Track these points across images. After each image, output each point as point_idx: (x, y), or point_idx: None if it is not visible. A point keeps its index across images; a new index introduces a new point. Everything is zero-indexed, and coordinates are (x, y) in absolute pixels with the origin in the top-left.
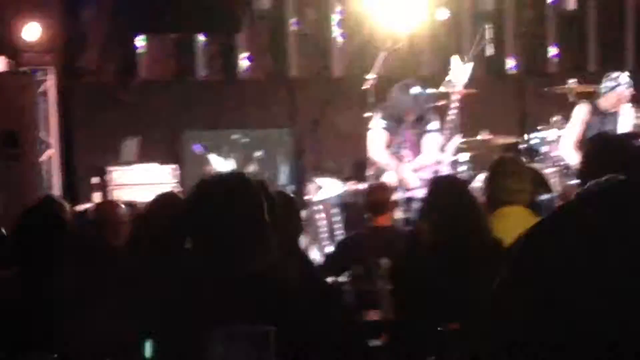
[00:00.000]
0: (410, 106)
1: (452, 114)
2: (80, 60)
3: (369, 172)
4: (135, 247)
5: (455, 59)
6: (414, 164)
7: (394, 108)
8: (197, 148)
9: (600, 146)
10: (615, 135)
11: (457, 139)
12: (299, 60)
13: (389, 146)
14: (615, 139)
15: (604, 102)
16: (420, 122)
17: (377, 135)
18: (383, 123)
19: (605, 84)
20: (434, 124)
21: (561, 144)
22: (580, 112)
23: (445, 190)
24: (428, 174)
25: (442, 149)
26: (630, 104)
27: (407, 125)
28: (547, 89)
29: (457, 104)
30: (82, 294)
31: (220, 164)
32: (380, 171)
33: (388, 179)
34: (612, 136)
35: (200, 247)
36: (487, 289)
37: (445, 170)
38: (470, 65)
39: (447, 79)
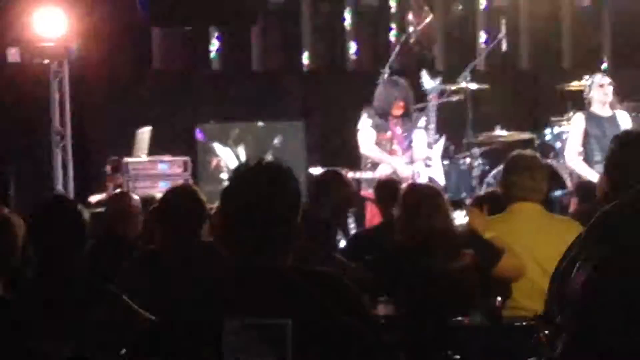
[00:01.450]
0: (397, 101)
1: (432, 117)
2: (94, 52)
3: (363, 164)
4: (150, 239)
5: (424, 73)
6: (406, 157)
7: (381, 104)
8: (199, 135)
9: (626, 144)
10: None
11: (443, 140)
12: (312, 53)
13: (378, 143)
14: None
15: (595, 104)
16: (408, 118)
17: (365, 134)
18: (370, 122)
19: (586, 87)
20: (422, 121)
21: (566, 155)
22: (577, 122)
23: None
24: (420, 168)
25: (429, 146)
26: (624, 110)
27: (395, 122)
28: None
29: (435, 108)
30: (97, 285)
31: (227, 154)
32: (373, 165)
33: (382, 171)
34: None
35: (230, 236)
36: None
37: (435, 166)
38: (439, 79)
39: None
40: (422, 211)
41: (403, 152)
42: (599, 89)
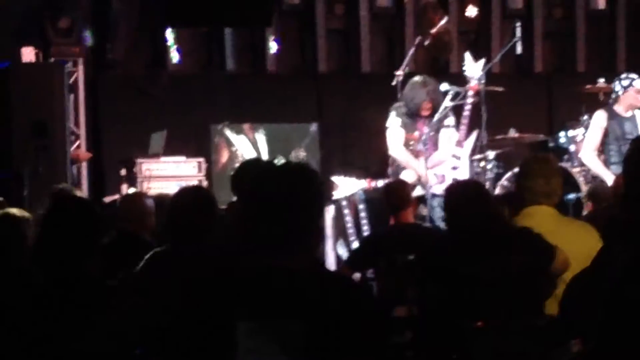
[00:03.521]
0: (425, 101)
1: (467, 109)
2: (109, 52)
3: (389, 169)
4: (162, 239)
5: (467, 56)
6: (431, 160)
7: (409, 103)
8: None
9: None
10: None
11: (474, 135)
12: (327, 55)
13: (407, 143)
14: None
15: (620, 105)
16: (437, 117)
17: (394, 133)
18: (399, 121)
19: (618, 85)
20: (450, 120)
21: (582, 151)
22: (598, 119)
23: (458, 192)
24: (445, 170)
25: (459, 145)
26: None
27: (423, 121)
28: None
29: (472, 100)
30: (109, 285)
31: (244, 143)
32: (399, 169)
33: (406, 176)
34: None
35: (250, 235)
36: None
37: (463, 165)
38: (482, 62)
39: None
40: (472, 205)
41: (430, 152)
42: (635, 94)
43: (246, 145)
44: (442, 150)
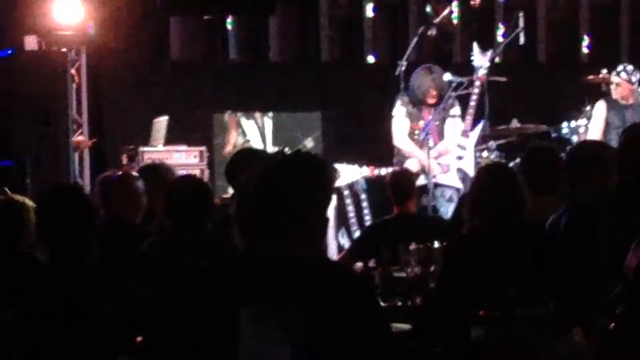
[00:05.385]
0: (430, 89)
1: (474, 99)
2: (112, 41)
3: (394, 159)
4: (158, 225)
5: (475, 46)
6: (436, 150)
7: (415, 92)
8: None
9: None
10: None
11: (480, 125)
12: (330, 44)
13: (412, 132)
14: None
15: (616, 94)
16: (442, 106)
17: (399, 122)
18: (404, 110)
19: (614, 77)
20: (456, 110)
21: None
22: (598, 110)
23: (489, 174)
24: (450, 160)
25: (465, 135)
26: None
27: (428, 110)
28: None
29: (479, 90)
30: (109, 273)
31: (253, 128)
32: (403, 158)
33: (411, 165)
34: None
35: (255, 224)
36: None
37: (468, 155)
38: (489, 53)
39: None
40: (497, 191)
41: (435, 142)
42: (631, 88)
43: (255, 132)
44: (448, 140)
